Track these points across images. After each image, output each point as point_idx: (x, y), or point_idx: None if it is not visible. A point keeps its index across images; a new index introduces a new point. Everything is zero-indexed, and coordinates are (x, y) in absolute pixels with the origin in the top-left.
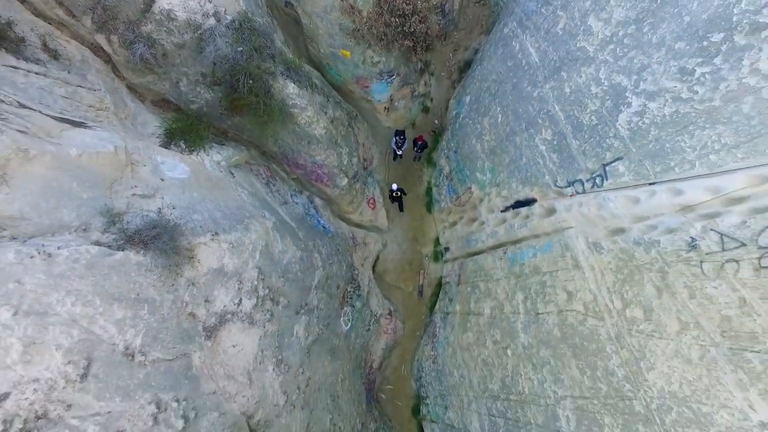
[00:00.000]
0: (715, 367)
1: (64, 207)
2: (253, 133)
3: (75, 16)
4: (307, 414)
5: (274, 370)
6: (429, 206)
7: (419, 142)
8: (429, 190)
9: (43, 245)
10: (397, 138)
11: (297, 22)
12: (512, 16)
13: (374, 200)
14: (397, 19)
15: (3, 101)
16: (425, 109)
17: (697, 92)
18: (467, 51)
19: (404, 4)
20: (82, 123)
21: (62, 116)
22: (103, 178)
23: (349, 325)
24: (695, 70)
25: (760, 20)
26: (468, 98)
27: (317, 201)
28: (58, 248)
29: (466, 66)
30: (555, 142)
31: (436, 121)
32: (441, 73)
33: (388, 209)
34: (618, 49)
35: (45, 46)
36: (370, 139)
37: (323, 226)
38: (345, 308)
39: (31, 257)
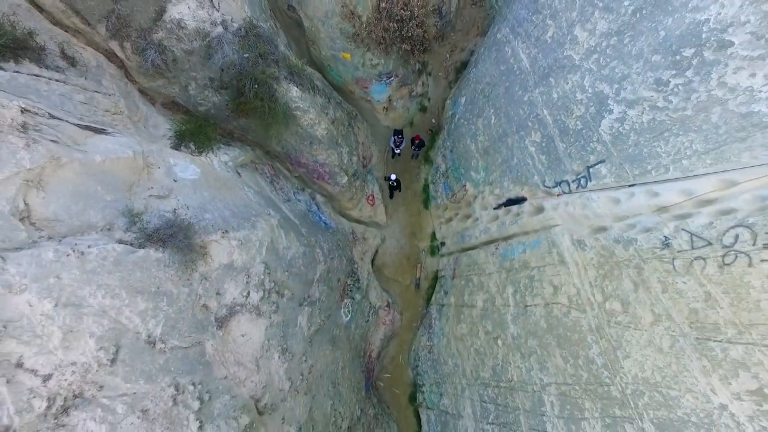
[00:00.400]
0: (683, 355)
1: (91, 209)
2: (258, 133)
3: (90, 24)
4: (310, 399)
5: (279, 357)
6: (426, 202)
7: (416, 141)
8: (426, 187)
9: (75, 244)
10: (396, 137)
11: (299, 25)
12: (505, 22)
13: (373, 197)
14: (395, 24)
15: (36, 113)
16: (423, 109)
17: (671, 102)
18: (463, 52)
19: (402, 10)
20: (103, 129)
21: (86, 124)
22: (123, 181)
23: (349, 316)
24: (670, 81)
25: (726, 38)
26: (463, 99)
27: (319, 198)
28: (89, 247)
29: (463, 66)
30: (544, 145)
31: (433, 120)
32: (438, 73)
33: (386, 205)
34: (601, 58)
35: (63, 54)
36: (370, 137)
37: (324, 222)
38: (345, 300)
39: (67, 255)
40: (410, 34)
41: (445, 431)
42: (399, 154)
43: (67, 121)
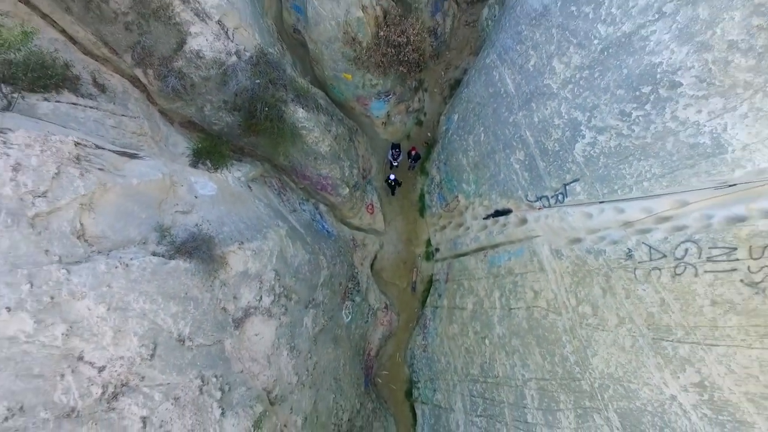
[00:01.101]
0: (641, 353)
1: (130, 225)
2: (267, 150)
3: (117, 53)
4: (314, 392)
5: (287, 354)
6: (422, 211)
7: (413, 153)
8: (422, 197)
9: (120, 257)
10: (394, 151)
11: (303, 45)
12: (493, 48)
13: (372, 206)
14: (392, 50)
15: (86, 145)
16: (419, 123)
17: (634, 130)
18: (457, 69)
19: (398, 37)
20: (135, 154)
21: (122, 150)
22: (153, 199)
23: (350, 317)
24: (632, 113)
25: (676, 79)
26: (456, 116)
27: (322, 207)
28: (131, 259)
29: (456, 83)
30: (526, 163)
31: (428, 134)
32: (434, 89)
33: (385, 213)
34: (575, 89)
35: (95, 81)
36: (369, 150)
37: (327, 231)
38: (346, 302)
39: (116, 267)
40: (406, 58)
41: (438, 424)
42: (397, 166)
43: (109, 150)
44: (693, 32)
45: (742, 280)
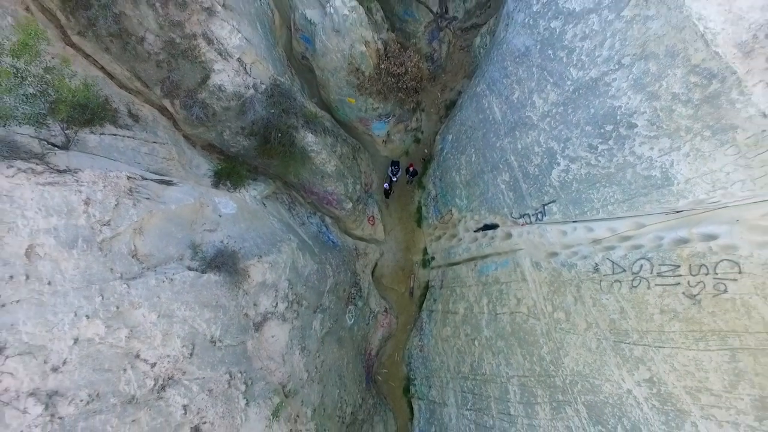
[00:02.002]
0: (604, 353)
1: (170, 244)
2: (279, 169)
3: (148, 86)
4: (322, 387)
5: (299, 354)
6: (419, 222)
7: (411, 169)
8: (419, 209)
9: (165, 272)
10: (393, 168)
11: (311, 71)
12: (483, 78)
13: (373, 218)
14: (392, 79)
15: (134, 178)
16: (417, 140)
17: (600, 161)
18: (452, 91)
19: (397, 68)
20: (171, 181)
21: (160, 178)
22: (186, 220)
23: (353, 320)
24: (598, 147)
25: (632, 121)
26: (450, 137)
27: (327, 220)
28: (174, 274)
29: (452, 104)
30: (511, 184)
31: (425, 150)
32: (430, 109)
33: (385, 224)
34: (552, 122)
35: (129, 112)
36: (371, 166)
37: (333, 241)
38: (349, 306)
39: (163, 281)
40: (405, 86)
41: (433, 418)
42: (396, 181)
43: (151, 180)
44: (645, 83)
45: (683, 293)
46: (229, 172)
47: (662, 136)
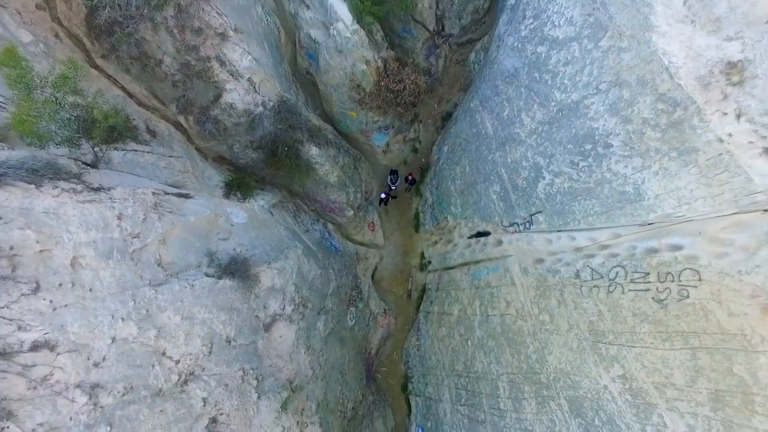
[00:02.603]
0: (584, 352)
1: (189, 253)
2: (285, 179)
3: (164, 104)
4: (325, 384)
5: (304, 352)
6: (417, 227)
7: (410, 178)
8: (417, 215)
9: (187, 279)
10: (392, 177)
11: (314, 85)
12: (476, 94)
13: (373, 224)
14: (391, 95)
15: (158, 194)
16: (415, 150)
17: (581, 177)
18: (448, 103)
19: (396, 85)
20: (188, 195)
21: (179, 192)
22: (203, 230)
23: (354, 321)
24: (579, 163)
25: (609, 141)
26: (446, 148)
27: (330, 226)
28: (194, 280)
29: (448, 115)
30: (502, 194)
31: (423, 159)
32: (428, 120)
33: (384, 230)
34: (538, 138)
35: (148, 129)
36: (371, 174)
37: (335, 247)
38: (351, 308)
39: (185, 287)
40: (403, 101)
41: (429, 413)
42: (394, 189)
43: (172, 194)
44: (619, 108)
45: (652, 298)
46: (239, 183)
47: (635, 155)
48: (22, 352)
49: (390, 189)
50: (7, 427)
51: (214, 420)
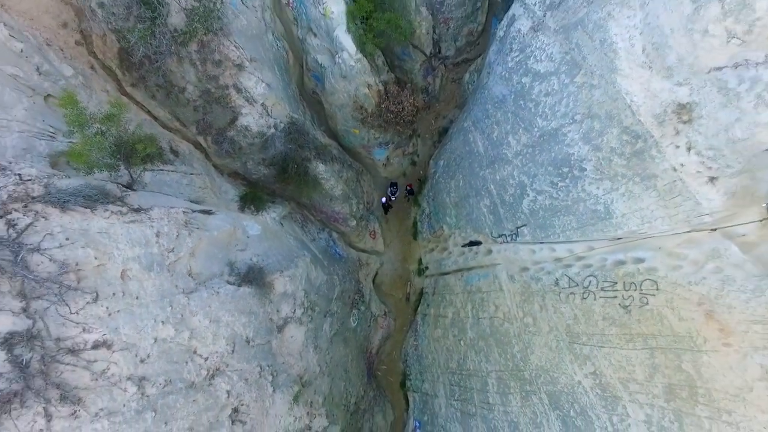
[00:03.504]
0: (561, 352)
1: (213, 264)
2: (293, 193)
3: (185, 125)
4: (330, 380)
5: (313, 351)
6: (415, 235)
7: (408, 188)
8: (415, 224)
9: (213, 287)
10: (392, 188)
11: (320, 103)
12: (470, 114)
13: (374, 232)
14: (391, 115)
15: (187, 212)
16: (413, 163)
17: (560, 195)
18: (445, 119)
19: (396, 107)
20: (210, 211)
21: (203, 209)
22: (224, 243)
23: (356, 322)
24: (558, 183)
25: (583, 165)
26: (442, 163)
27: (334, 235)
28: (219, 288)
29: (444, 131)
30: (491, 208)
31: (421, 172)
32: (425, 135)
33: (384, 237)
34: (523, 159)
35: (171, 149)
36: (372, 186)
37: (339, 254)
38: (353, 311)
39: (213, 294)
40: (402, 120)
41: (426, 408)
42: (394, 200)
43: (198, 212)
44: (591, 137)
45: (619, 304)
46: (253, 197)
47: (605, 179)
48: (86, 350)
49: (390, 199)
50: (78, 410)
51: (236, 410)
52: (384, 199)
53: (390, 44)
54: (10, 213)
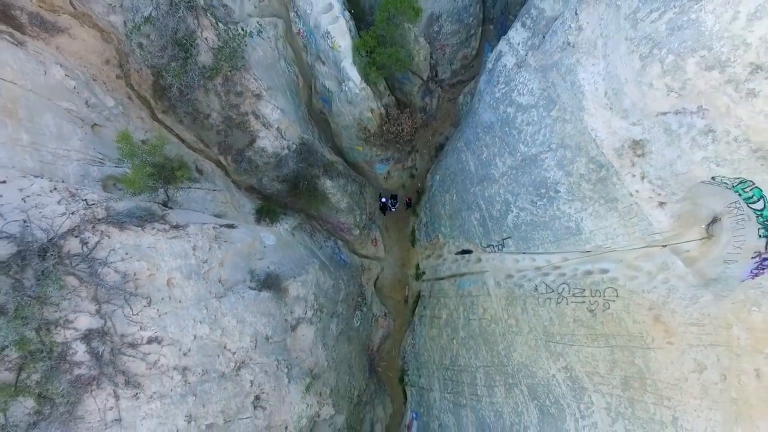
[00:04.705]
0: (539, 349)
1: (237, 272)
2: (303, 205)
3: (209, 146)
4: (336, 374)
5: (321, 348)
6: (413, 243)
7: (408, 201)
8: (413, 232)
9: (238, 292)
10: (392, 200)
11: (327, 122)
12: (462, 135)
13: (376, 240)
14: (391, 135)
15: (216, 227)
16: (412, 176)
17: (539, 212)
18: (441, 136)
19: (395, 128)
20: (233, 225)
21: (228, 223)
22: (245, 253)
23: (359, 322)
24: (537, 202)
25: (557, 188)
26: (438, 177)
27: (339, 243)
28: (243, 293)
29: (440, 147)
30: (481, 221)
31: (419, 184)
32: (423, 150)
33: (385, 245)
34: (508, 179)
35: (196, 168)
36: (374, 197)
37: (344, 260)
38: (356, 312)
39: (239, 298)
40: (401, 140)
41: (422, 400)
42: (393, 211)
43: (224, 226)
44: (564, 164)
45: (587, 308)
46: (268, 210)
47: (576, 200)
48: (143, 345)
49: (389, 210)
50: (138, 392)
51: (257, 397)
52: (384, 200)
53: (391, 72)
54: (83, 233)
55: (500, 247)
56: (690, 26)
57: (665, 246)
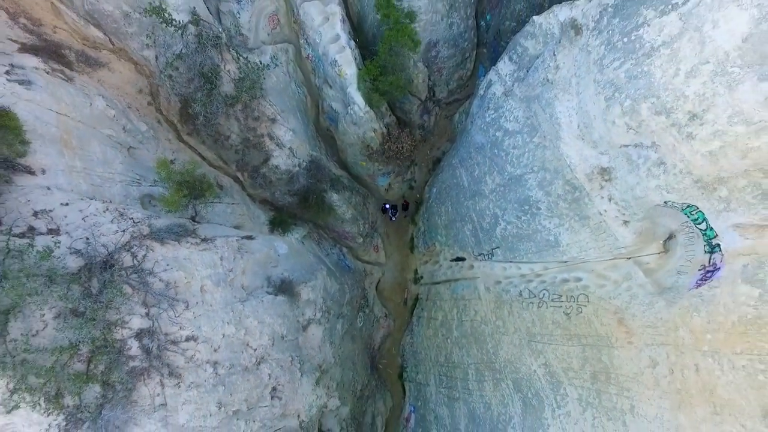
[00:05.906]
0: (522, 348)
1: (256, 279)
2: (311, 216)
3: (227, 164)
4: (341, 370)
5: (329, 346)
6: (412, 249)
7: (404, 204)
8: (412, 239)
9: (258, 296)
10: (392, 210)
11: (333, 138)
12: (457, 153)
13: (377, 246)
14: (392, 152)
15: (239, 240)
16: (411, 187)
17: (523, 226)
18: (438, 150)
19: (396, 146)
20: (251, 236)
21: (247, 235)
22: (262, 261)
23: (362, 323)
24: (521, 217)
25: (539, 206)
26: (435, 190)
27: (344, 249)
28: (262, 297)
29: (438, 160)
30: (473, 231)
31: (417, 195)
32: (422, 163)
33: (386, 251)
34: (496, 196)
35: (217, 183)
36: (376, 207)
37: (348, 266)
38: (359, 313)
39: (259, 302)
40: (402, 156)
41: (419, 395)
42: (393, 220)
43: (244, 238)
44: (544, 185)
45: (563, 312)
46: (280, 221)
47: (554, 216)
48: (181, 342)
49: (390, 219)
50: (179, 382)
51: (274, 388)
52: (387, 206)
53: (393, 96)
54: (133, 248)
55: (490, 256)
56: (643, 76)
57: (629, 258)
